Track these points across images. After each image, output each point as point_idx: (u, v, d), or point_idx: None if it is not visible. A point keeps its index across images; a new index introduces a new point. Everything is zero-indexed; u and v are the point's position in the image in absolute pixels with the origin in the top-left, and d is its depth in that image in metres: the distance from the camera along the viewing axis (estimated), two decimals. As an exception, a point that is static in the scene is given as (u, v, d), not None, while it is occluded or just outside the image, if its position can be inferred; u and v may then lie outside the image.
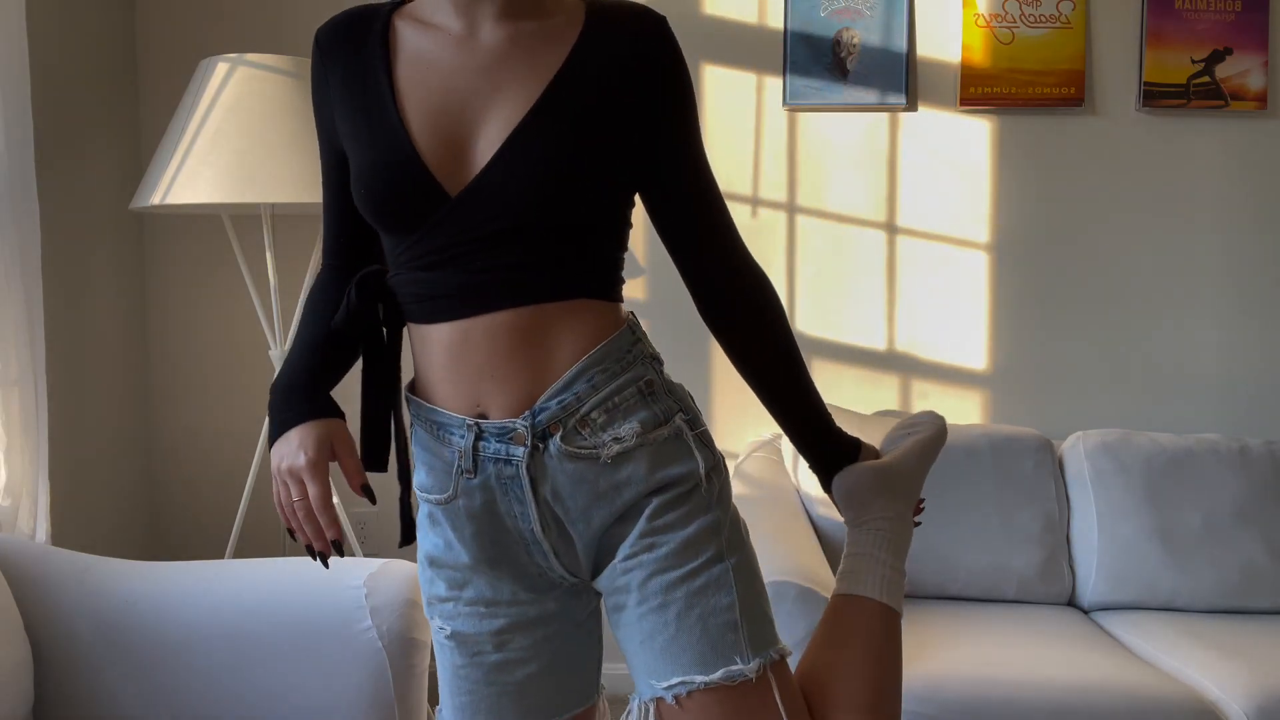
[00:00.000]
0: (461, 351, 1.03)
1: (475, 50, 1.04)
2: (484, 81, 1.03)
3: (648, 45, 1.05)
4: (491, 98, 1.02)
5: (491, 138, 1.01)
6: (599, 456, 1.02)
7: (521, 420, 1.02)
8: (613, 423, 1.03)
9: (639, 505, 1.03)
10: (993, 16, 2.65)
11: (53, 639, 1.67)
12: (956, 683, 1.91)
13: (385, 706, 1.66)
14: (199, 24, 2.66)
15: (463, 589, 1.09)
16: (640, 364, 1.06)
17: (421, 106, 1.03)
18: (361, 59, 1.07)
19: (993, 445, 2.47)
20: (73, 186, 2.37)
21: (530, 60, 1.03)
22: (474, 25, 1.05)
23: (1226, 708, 1.90)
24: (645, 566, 1.02)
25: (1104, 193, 2.70)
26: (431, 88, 1.03)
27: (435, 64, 1.04)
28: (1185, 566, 2.36)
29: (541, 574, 1.08)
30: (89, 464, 2.45)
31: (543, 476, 1.02)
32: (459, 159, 1.01)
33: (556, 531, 1.05)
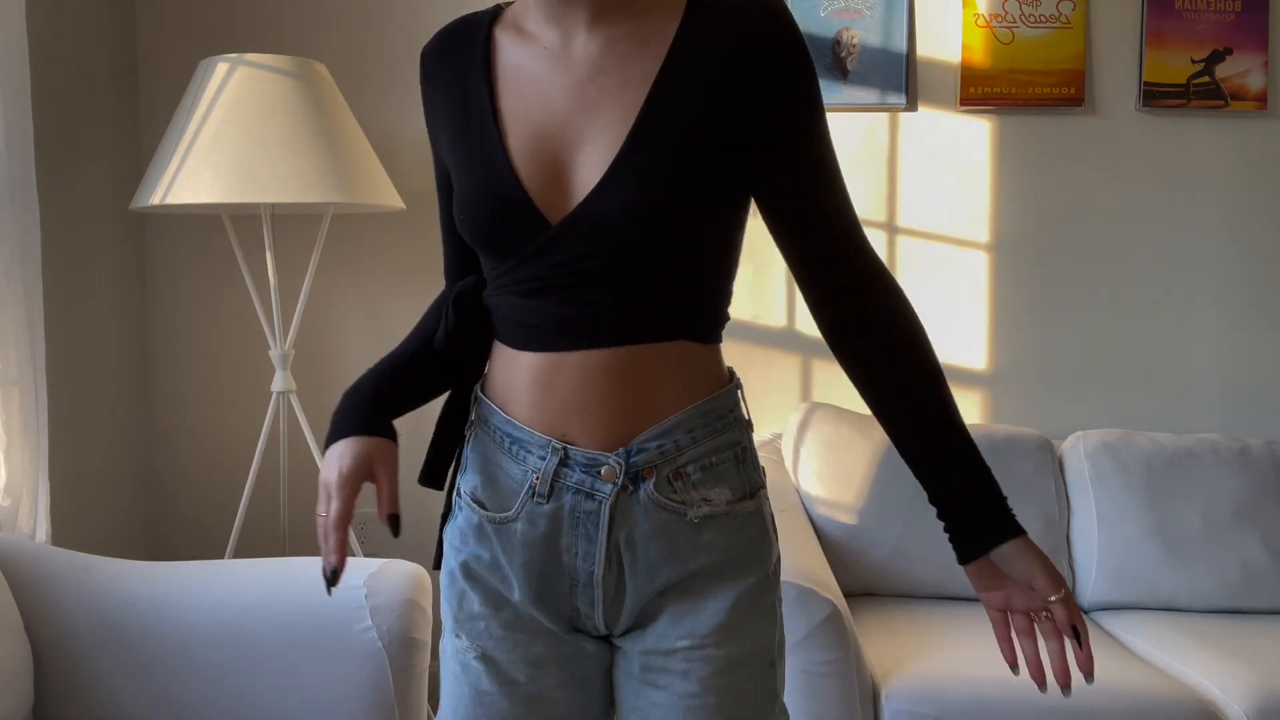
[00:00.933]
0: (550, 382, 0.97)
1: (570, 64, 0.97)
2: (580, 99, 0.96)
3: (754, 33, 0.94)
4: (590, 117, 0.95)
5: (593, 163, 0.94)
6: (685, 514, 0.97)
7: (615, 456, 0.96)
8: (705, 483, 0.98)
9: (711, 586, 0.99)
10: (993, 16, 2.65)
11: (53, 639, 1.67)
12: (956, 683, 1.91)
13: (385, 706, 1.66)
14: (199, 24, 2.66)
15: (499, 609, 1.03)
16: (740, 428, 1.02)
17: (522, 129, 0.97)
18: (462, 77, 1.03)
19: (993, 445, 2.47)
20: (73, 186, 2.37)
21: (626, 69, 0.95)
22: (567, 36, 0.98)
23: (1226, 708, 1.90)
24: (711, 663, 0.98)
25: (1104, 193, 2.70)
26: (531, 107, 0.98)
27: (533, 80, 0.98)
28: (1185, 566, 2.36)
29: (574, 618, 1.03)
30: (89, 464, 2.45)
31: (623, 519, 0.97)
32: (560, 186, 0.95)
33: (615, 579, 0.99)
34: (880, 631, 2.15)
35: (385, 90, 2.67)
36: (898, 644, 2.07)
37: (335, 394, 1.14)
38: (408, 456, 1.17)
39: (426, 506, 2.75)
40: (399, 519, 1.00)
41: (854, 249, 0.99)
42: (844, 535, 2.39)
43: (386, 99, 2.67)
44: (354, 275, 2.71)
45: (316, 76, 2.24)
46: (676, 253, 0.95)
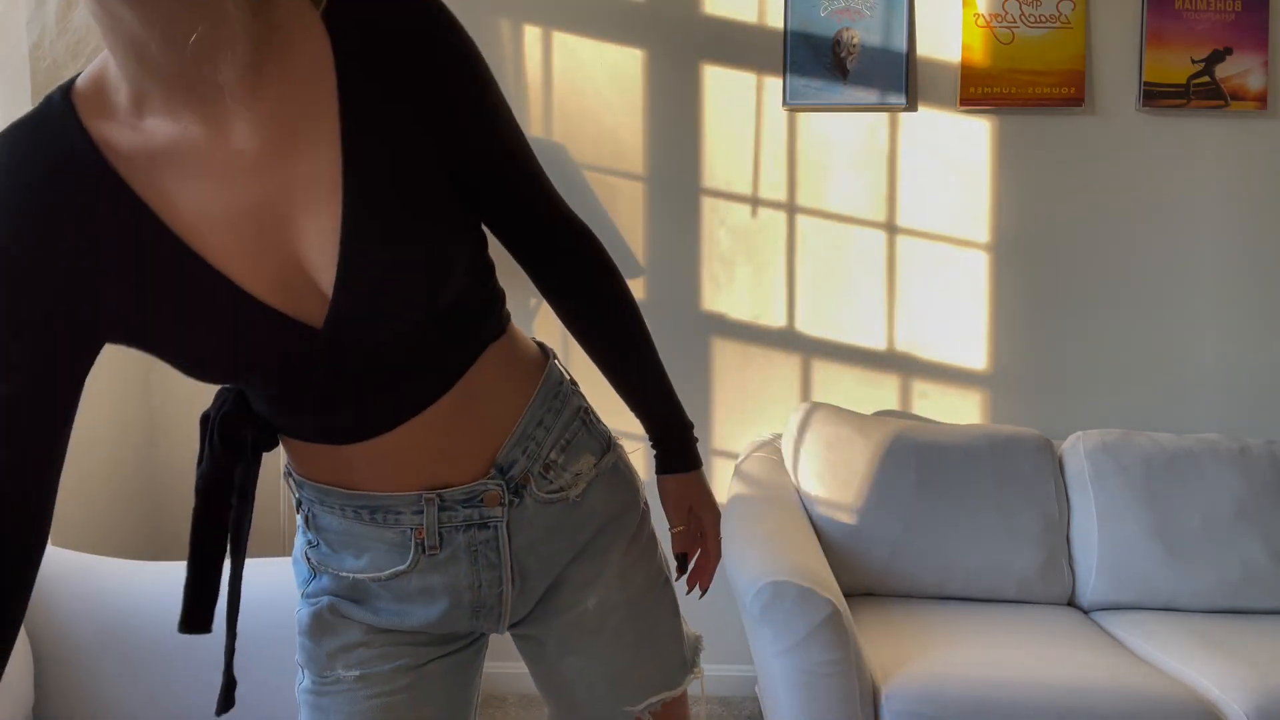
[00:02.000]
0: (395, 452, 0.90)
1: (235, 152, 0.78)
2: (269, 187, 0.79)
3: (402, 26, 0.82)
4: (290, 204, 0.79)
5: (319, 251, 0.80)
6: (568, 497, 0.99)
7: (491, 479, 0.93)
8: (570, 461, 0.99)
9: (604, 542, 1.02)
10: (993, 16, 2.65)
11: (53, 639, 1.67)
12: (956, 683, 1.91)
13: (385, 706, 1.66)
14: (199, 24, 2.66)
15: (379, 634, 0.98)
16: (573, 394, 1.03)
17: (225, 244, 0.79)
18: (94, 207, 0.77)
19: (993, 445, 2.47)
20: (73, 186, 2.37)
21: (304, 138, 0.79)
22: (218, 118, 0.77)
23: (1226, 708, 1.90)
24: (620, 609, 1.03)
25: (1104, 193, 2.70)
26: (216, 216, 0.78)
27: (200, 184, 0.78)
28: (1185, 566, 2.36)
29: (469, 633, 1.03)
30: (89, 464, 2.45)
31: (518, 530, 0.96)
32: (300, 287, 0.81)
33: (520, 587, 0.98)
34: (880, 631, 2.15)
35: (385, 90, 2.67)
36: (898, 644, 2.07)
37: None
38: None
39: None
40: None
41: (564, 223, 0.99)
42: (844, 535, 2.39)
43: (386, 99, 2.67)
44: (354, 275, 2.70)
45: (316, 76, 2.24)
46: (447, 295, 0.87)
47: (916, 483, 2.41)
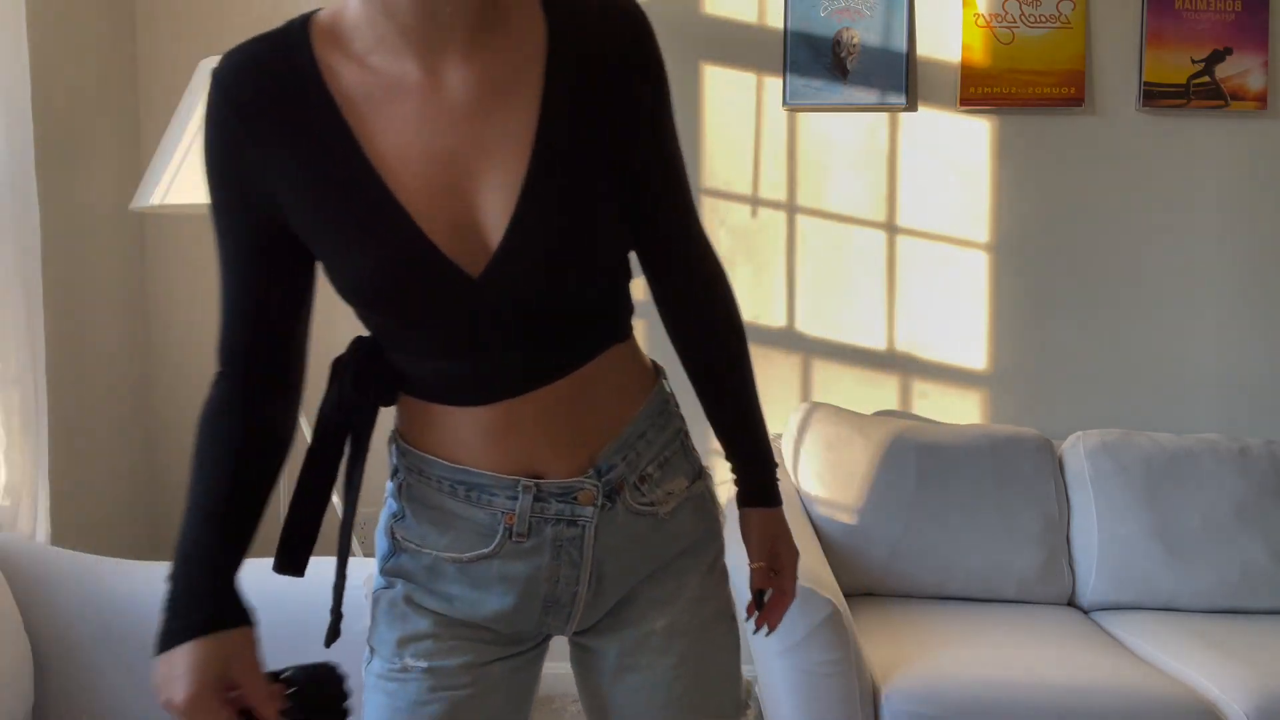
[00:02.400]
0: (505, 427, 0.94)
1: (446, 98, 0.87)
2: (467, 136, 0.87)
3: (616, 30, 0.92)
4: (481, 154, 0.87)
5: (498, 203, 0.87)
6: (657, 513, 1.01)
7: (589, 479, 0.96)
8: (665, 478, 1.01)
9: (682, 565, 1.03)
10: (993, 16, 2.65)
11: (53, 639, 1.67)
12: (956, 683, 1.91)
13: (385, 706, 1.66)
14: (199, 24, 2.66)
15: (449, 627, 1.00)
16: (676, 415, 1.05)
17: (410, 180, 0.86)
18: (303, 118, 0.87)
19: (993, 445, 2.47)
20: (73, 187, 2.37)
21: (508, 99, 0.88)
22: (435, 67, 0.87)
23: (1226, 708, 1.90)
24: (688, 636, 1.02)
25: (1104, 193, 2.70)
26: (411, 153, 0.87)
27: (404, 121, 0.87)
28: (1185, 566, 2.36)
29: (537, 631, 1.04)
30: (89, 464, 2.45)
31: (604, 535, 0.97)
32: (470, 234, 0.88)
33: (594, 591, 1.00)
34: (880, 631, 2.15)
35: (385, 90, 2.67)
36: (898, 644, 2.07)
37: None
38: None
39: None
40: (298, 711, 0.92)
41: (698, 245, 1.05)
42: (844, 535, 2.39)
43: (386, 99, 2.67)
44: (354, 275, 2.70)
45: (316, 76, 2.24)
46: (599, 274, 0.95)
47: (916, 483, 2.41)
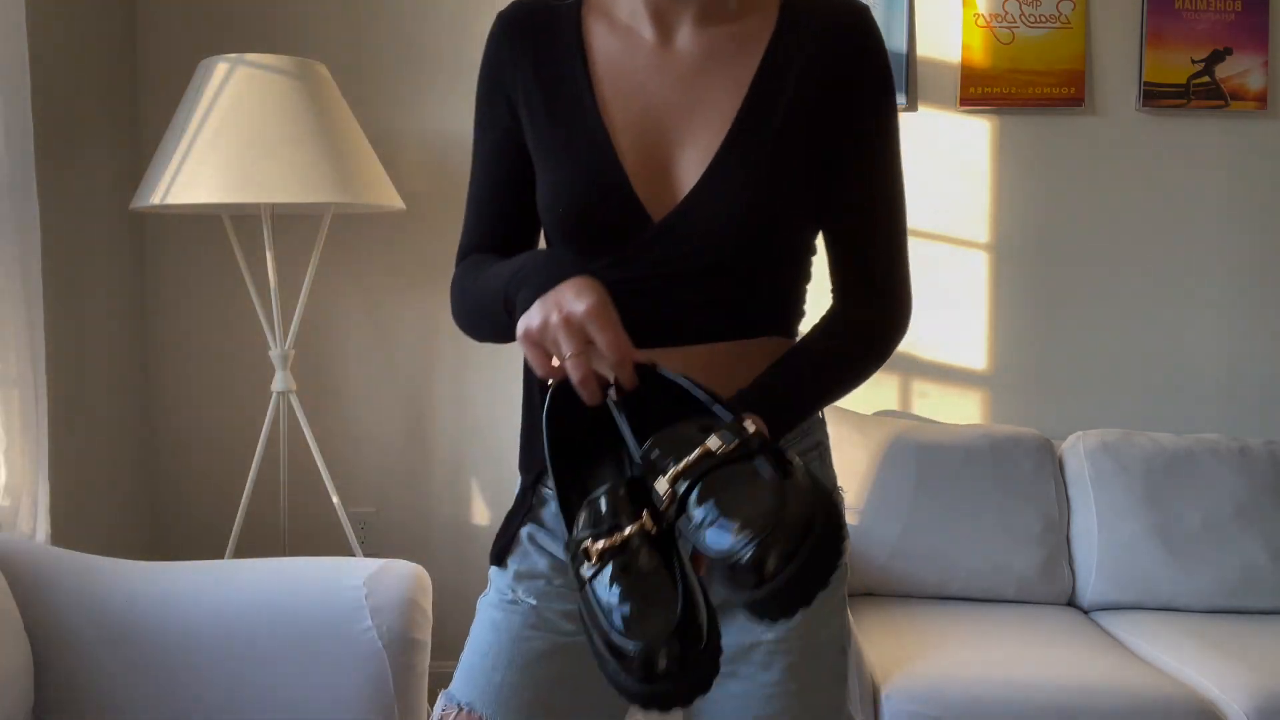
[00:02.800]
0: None
1: (671, 60, 0.99)
2: (681, 95, 0.98)
3: (847, 40, 0.98)
4: (690, 114, 0.97)
5: (693, 160, 0.96)
6: None
7: None
8: None
9: None
10: (993, 16, 2.65)
11: (53, 639, 1.67)
12: (956, 683, 1.91)
13: (385, 706, 1.66)
14: (199, 24, 2.66)
15: (564, 574, 1.01)
16: (821, 428, 1.06)
17: (623, 120, 0.97)
18: (556, 56, 1.01)
19: (993, 445, 2.47)
20: (73, 186, 2.37)
21: (726, 69, 0.98)
22: (669, 31, 0.99)
23: (1226, 708, 1.90)
24: (793, 654, 1.00)
25: (1104, 193, 2.70)
26: (631, 100, 0.98)
27: (632, 73, 0.99)
28: (1185, 566, 2.36)
29: None
30: (89, 464, 2.45)
31: None
32: (661, 181, 0.96)
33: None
34: (880, 631, 2.15)
35: (385, 90, 2.67)
36: (898, 644, 2.07)
37: (335, 394, 1.13)
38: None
39: (417, 507, 2.75)
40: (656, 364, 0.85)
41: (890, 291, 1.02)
42: (844, 535, 2.38)
43: (386, 99, 2.67)
44: (354, 275, 2.71)
45: (316, 76, 2.24)
46: (769, 252, 0.98)
47: (916, 483, 2.41)
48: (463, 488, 2.76)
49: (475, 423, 2.72)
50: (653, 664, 0.68)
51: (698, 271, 0.96)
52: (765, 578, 0.65)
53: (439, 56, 2.68)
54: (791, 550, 0.65)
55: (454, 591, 2.65)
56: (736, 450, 0.72)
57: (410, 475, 2.75)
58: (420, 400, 2.73)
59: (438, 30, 2.68)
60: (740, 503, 0.68)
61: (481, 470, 2.74)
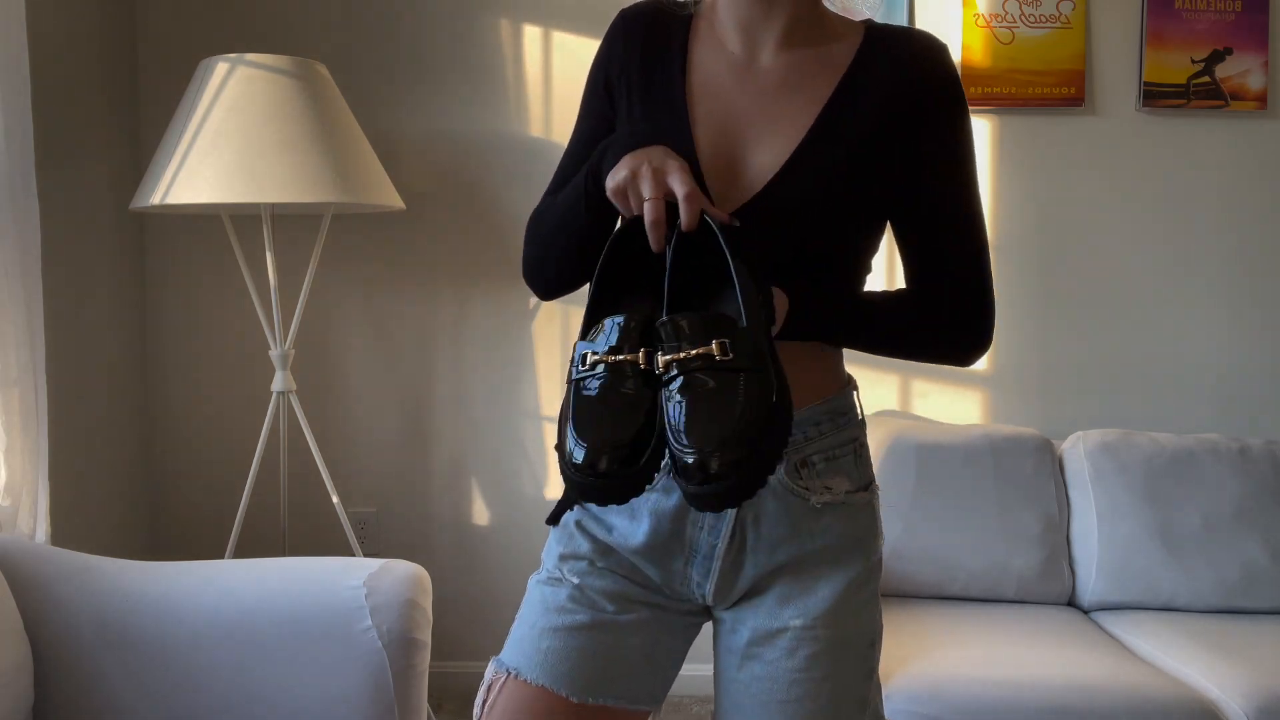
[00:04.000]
0: None
1: (755, 74, 1.07)
2: (761, 106, 1.06)
3: (919, 74, 1.06)
4: (767, 124, 1.05)
5: (765, 164, 1.03)
6: (809, 499, 1.05)
7: None
8: (827, 473, 1.07)
9: (824, 570, 1.07)
10: (993, 16, 2.65)
11: (53, 639, 1.67)
12: (956, 683, 1.91)
13: (385, 706, 1.66)
14: (199, 24, 2.66)
15: (605, 556, 1.08)
16: (858, 426, 1.11)
17: (705, 119, 1.06)
18: (661, 54, 1.10)
19: (993, 445, 2.47)
20: (73, 186, 2.37)
21: (806, 88, 1.06)
22: (755, 49, 1.08)
23: (1226, 708, 1.90)
24: (819, 643, 1.05)
25: (1104, 193, 2.70)
26: (716, 103, 1.06)
27: (720, 80, 1.08)
28: (1185, 566, 2.36)
29: (683, 584, 1.08)
30: (89, 464, 2.45)
31: (753, 500, 1.01)
32: (733, 179, 1.04)
33: (735, 553, 1.05)
34: (880, 631, 2.15)
35: (385, 90, 2.67)
36: (898, 644, 2.07)
37: (335, 394, 1.14)
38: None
39: (417, 507, 2.75)
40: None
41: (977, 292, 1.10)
42: (844, 535, 2.39)
43: (386, 99, 2.67)
44: (354, 275, 2.71)
45: (316, 76, 2.24)
46: (828, 252, 1.05)
47: (916, 483, 2.41)
48: (463, 488, 2.76)
49: (475, 423, 2.72)
50: (595, 464, 0.82)
51: (762, 264, 0.99)
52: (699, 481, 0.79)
53: (439, 56, 2.68)
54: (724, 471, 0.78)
55: (454, 591, 2.66)
56: (731, 361, 0.82)
57: (410, 475, 2.75)
58: (420, 400, 2.73)
59: (438, 30, 2.68)
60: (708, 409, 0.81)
61: (481, 470, 2.74)
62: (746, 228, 0.98)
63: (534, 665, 1.06)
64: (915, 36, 1.09)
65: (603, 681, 1.06)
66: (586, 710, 1.05)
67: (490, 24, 2.68)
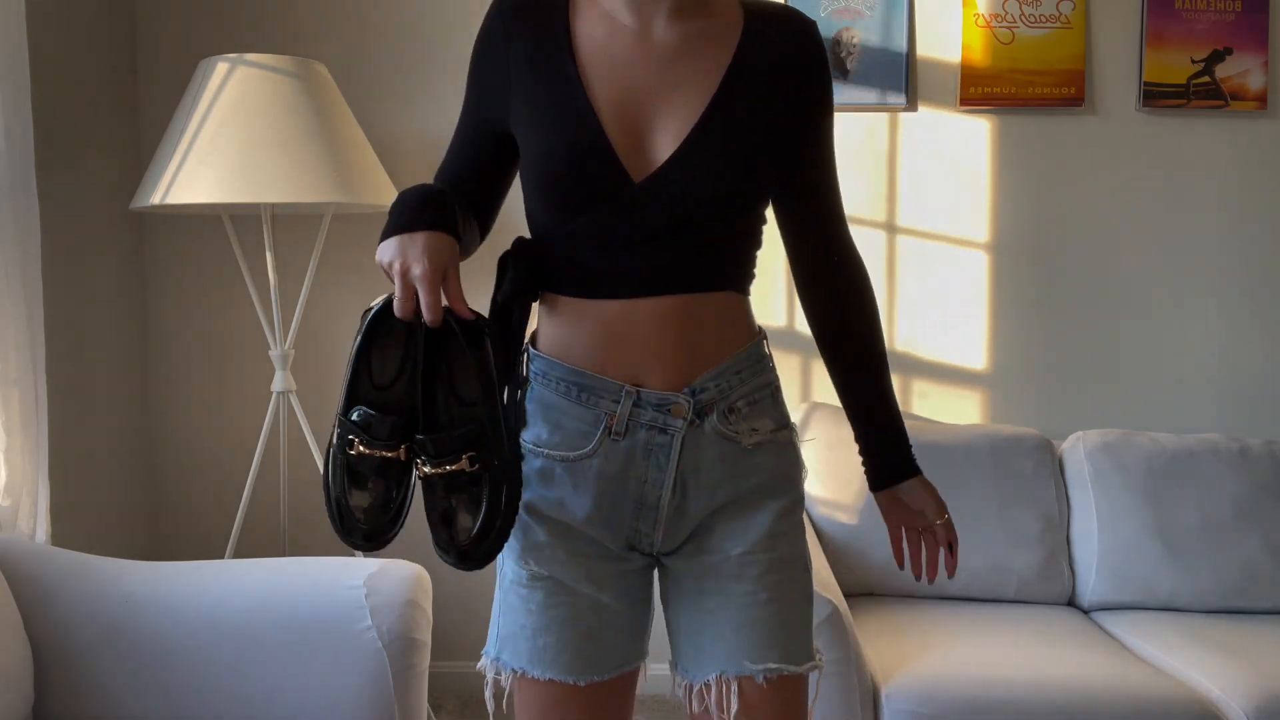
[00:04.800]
0: (625, 328, 1.10)
1: (651, 46, 1.12)
2: (660, 76, 1.11)
3: (802, 48, 1.16)
4: (668, 92, 1.11)
5: (672, 131, 1.09)
6: (740, 442, 1.13)
7: (684, 395, 1.10)
8: (752, 415, 1.15)
9: (759, 501, 1.15)
10: (993, 16, 2.65)
11: (53, 639, 1.67)
12: (956, 683, 1.91)
13: (385, 706, 1.66)
14: (199, 24, 2.66)
15: (563, 538, 1.14)
16: (772, 371, 1.20)
17: (605, 95, 1.10)
18: (546, 40, 1.13)
19: (993, 445, 2.47)
20: (73, 186, 2.37)
21: (700, 58, 1.12)
22: (647, 22, 1.13)
23: (1226, 708, 1.90)
24: (760, 565, 1.13)
25: (1104, 193, 2.70)
26: (613, 78, 1.11)
27: (614, 55, 1.12)
28: (1185, 566, 2.36)
29: (633, 538, 1.16)
30: (89, 464, 2.45)
31: (690, 449, 1.12)
32: (641, 148, 1.09)
33: (678, 501, 1.13)
34: (880, 631, 2.15)
35: (385, 90, 2.67)
36: (898, 644, 2.07)
37: (335, 394, 1.15)
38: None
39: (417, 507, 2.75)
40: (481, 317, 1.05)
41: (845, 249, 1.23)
42: (844, 535, 2.39)
43: (386, 99, 2.67)
44: (354, 275, 2.71)
45: (316, 76, 2.24)
46: (735, 215, 1.13)
47: (916, 483, 2.41)
48: (463, 488, 2.75)
49: (475, 423, 2.72)
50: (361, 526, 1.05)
51: (670, 230, 1.09)
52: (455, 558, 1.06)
53: (439, 56, 2.68)
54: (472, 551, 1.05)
55: (454, 591, 2.66)
56: (478, 471, 1.03)
57: (410, 475, 2.75)
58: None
59: (438, 30, 2.68)
60: (460, 514, 1.05)
61: (481, 470, 2.74)
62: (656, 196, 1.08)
63: (535, 663, 1.13)
64: (792, 15, 1.18)
65: (601, 658, 1.15)
66: (595, 687, 1.14)
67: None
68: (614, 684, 1.17)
